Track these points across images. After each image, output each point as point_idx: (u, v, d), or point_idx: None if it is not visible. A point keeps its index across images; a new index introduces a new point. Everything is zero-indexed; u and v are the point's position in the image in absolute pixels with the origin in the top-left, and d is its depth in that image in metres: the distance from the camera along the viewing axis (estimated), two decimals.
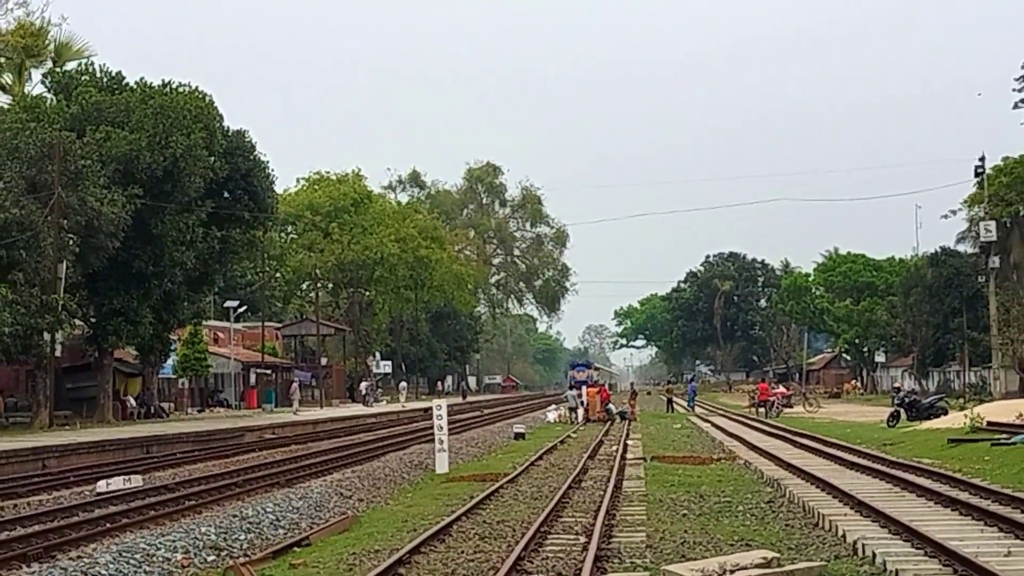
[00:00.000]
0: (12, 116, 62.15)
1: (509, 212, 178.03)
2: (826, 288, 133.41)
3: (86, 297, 63.59)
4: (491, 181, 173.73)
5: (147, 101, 65.70)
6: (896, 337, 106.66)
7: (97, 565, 17.71)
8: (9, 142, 57.42)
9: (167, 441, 48.23)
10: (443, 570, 17.25)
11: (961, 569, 15.59)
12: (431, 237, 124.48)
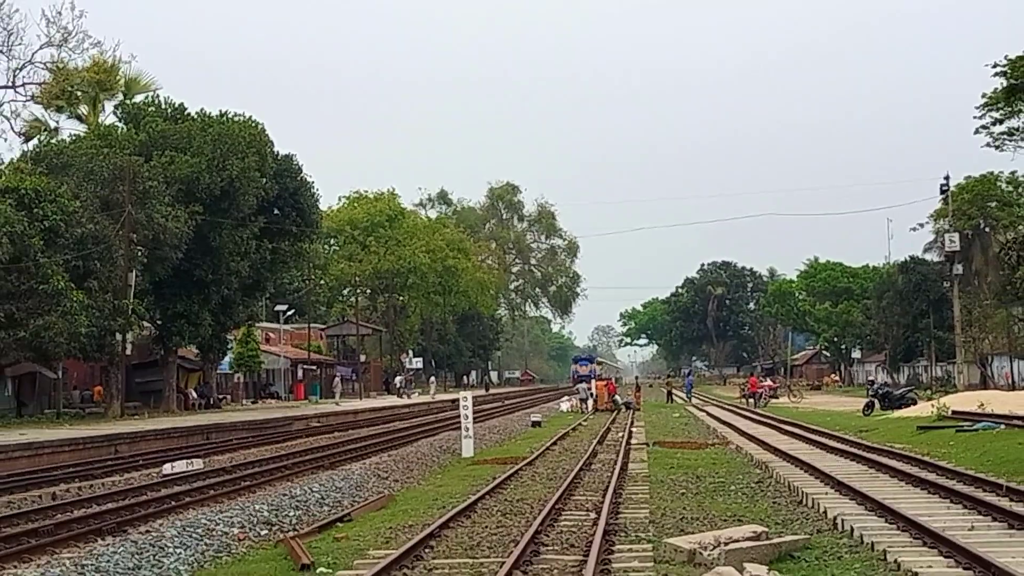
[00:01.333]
0: (88, 143, 62.36)
1: (526, 226, 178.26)
2: (808, 293, 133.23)
3: (153, 302, 63.92)
4: (510, 199, 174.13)
5: (206, 129, 66.00)
6: (870, 336, 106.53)
7: (164, 538, 17.73)
8: (85, 166, 57.70)
9: (224, 429, 48.33)
10: (469, 543, 17.24)
11: (929, 541, 15.55)
12: (457, 248, 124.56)
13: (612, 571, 14.38)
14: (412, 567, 15.19)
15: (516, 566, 14.45)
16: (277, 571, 15.70)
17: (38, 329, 48.96)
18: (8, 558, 16.01)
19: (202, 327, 67.27)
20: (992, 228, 76.14)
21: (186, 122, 67.26)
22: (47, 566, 15.27)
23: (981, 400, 46.29)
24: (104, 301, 54.84)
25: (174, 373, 69.05)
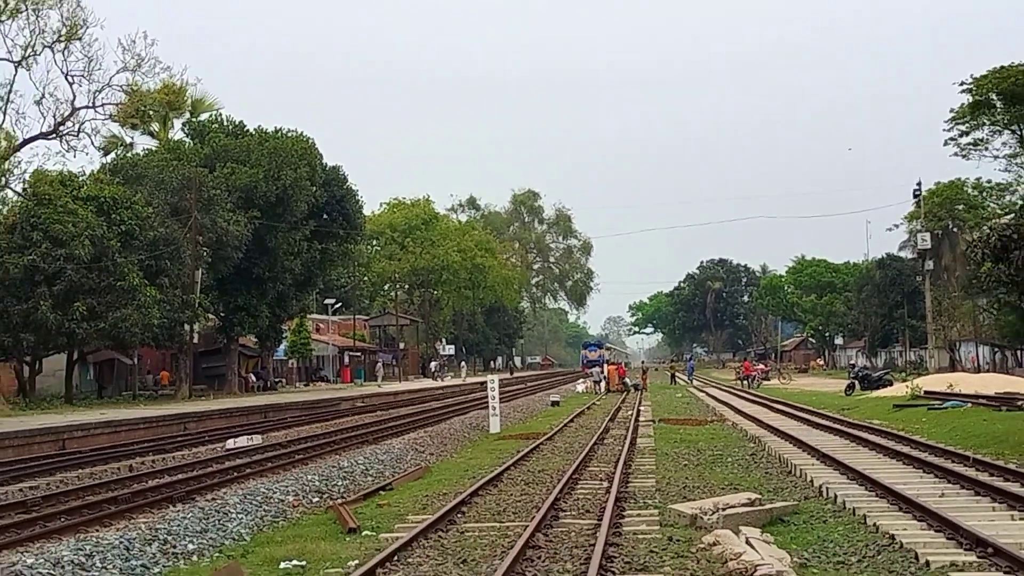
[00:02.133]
0: (159, 156, 62.70)
1: (545, 228, 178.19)
2: (796, 286, 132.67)
3: (216, 296, 64.23)
4: (531, 204, 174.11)
5: (263, 143, 66.38)
6: (851, 324, 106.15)
7: (227, 505, 17.79)
8: (157, 176, 58.05)
9: (280, 409, 48.43)
10: (496, 509, 17.26)
11: (904, 507, 15.53)
12: (485, 248, 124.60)
13: (623, 534, 14.38)
14: (446, 530, 15.23)
15: (538, 529, 14.47)
16: (327, 534, 15.74)
17: (116, 321, 49.22)
18: (91, 523, 16.09)
19: (260, 318, 67.75)
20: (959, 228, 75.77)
21: (245, 137, 67.66)
22: (125, 530, 15.34)
23: (950, 382, 46.18)
24: (174, 296, 55.12)
25: (235, 359, 69.39)
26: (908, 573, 11.61)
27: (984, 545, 12.28)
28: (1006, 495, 16.17)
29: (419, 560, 13.08)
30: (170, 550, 14.35)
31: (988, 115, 69.13)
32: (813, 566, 12.20)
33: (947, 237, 77.58)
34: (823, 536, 14.06)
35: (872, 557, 12.54)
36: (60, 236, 48.02)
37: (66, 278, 47.85)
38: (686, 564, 12.34)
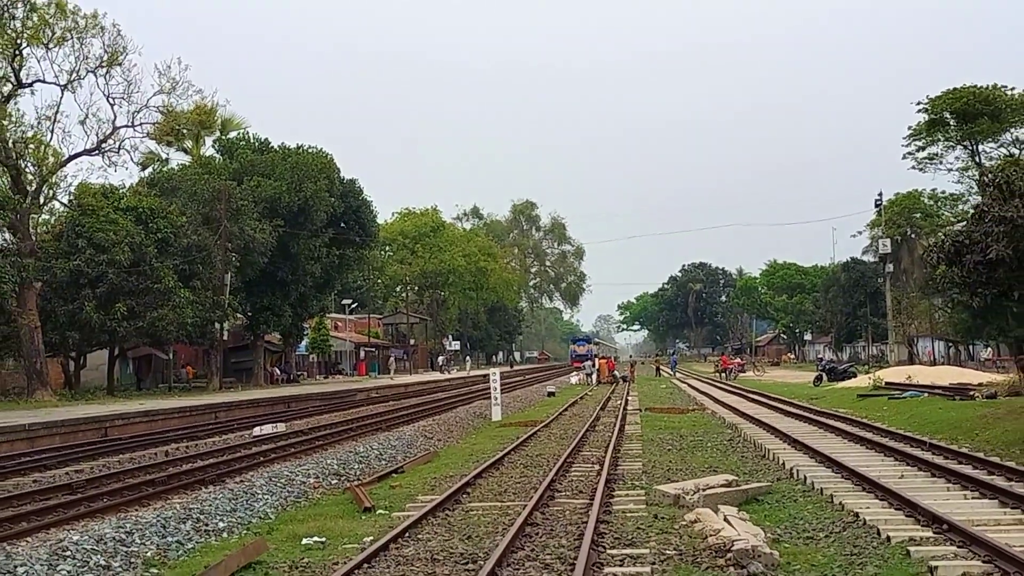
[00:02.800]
0: (192, 170, 62.87)
1: (542, 235, 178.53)
2: (768, 287, 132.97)
3: (244, 298, 64.41)
4: (529, 213, 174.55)
5: (286, 159, 66.60)
6: (819, 322, 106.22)
7: (255, 487, 17.79)
8: (190, 189, 58.26)
9: (302, 399, 48.44)
10: (498, 489, 17.28)
11: (868, 487, 15.55)
12: (487, 254, 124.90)
13: (613, 512, 14.39)
14: (452, 509, 15.24)
15: (536, 508, 14.48)
16: (344, 513, 15.74)
17: (153, 320, 49.40)
18: (131, 503, 16.10)
19: (283, 317, 67.95)
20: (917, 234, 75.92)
21: (269, 153, 67.89)
22: (161, 509, 15.35)
23: (909, 374, 46.26)
24: (205, 297, 55.27)
25: (261, 354, 69.47)
26: (871, 548, 11.61)
27: (940, 522, 12.29)
28: (960, 476, 16.19)
29: (428, 536, 13.09)
30: (202, 527, 14.35)
31: (942, 132, 69.30)
32: (784, 541, 12.20)
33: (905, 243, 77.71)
34: (794, 514, 14.08)
35: (838, 533, 12.55)
36: (102, 243, 48.14)
37: (108, 281, 47.98)
38: (670, 539, 12.35)
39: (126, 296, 48.61)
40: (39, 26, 48.89)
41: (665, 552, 11.62)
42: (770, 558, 10.88)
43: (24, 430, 28.21)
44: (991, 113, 66.20)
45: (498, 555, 11.05)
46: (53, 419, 30.87)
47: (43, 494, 17.48)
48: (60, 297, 48.24)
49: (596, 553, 11.46)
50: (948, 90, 67.98)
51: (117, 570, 11.78)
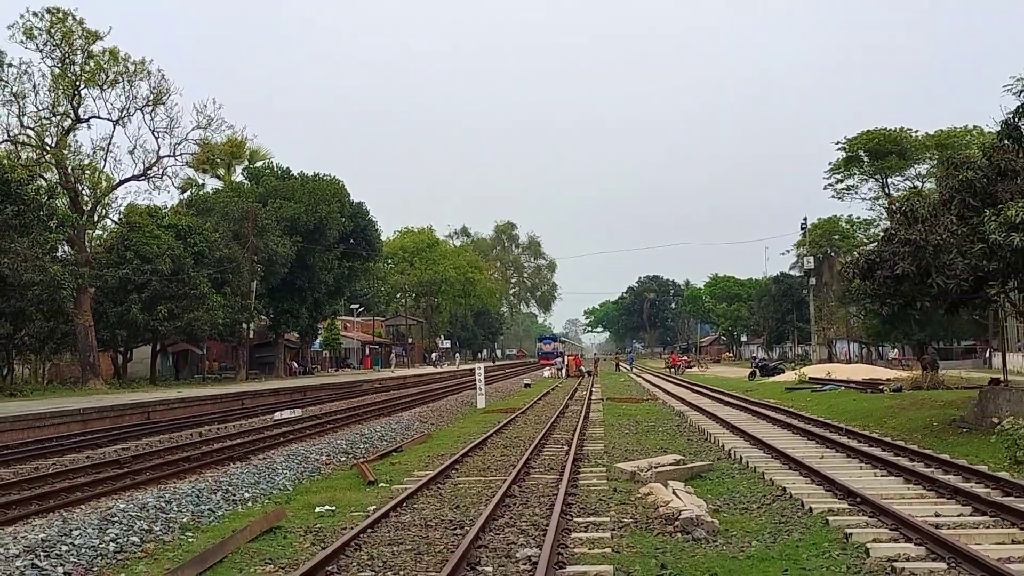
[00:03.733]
0: (224, 194, 62.87)
1: (521, 251, 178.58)
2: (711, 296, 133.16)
3: (267, 302, 64.45)
4: (510, 232, 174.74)
5: (304, 184, 66.79)
6: (753, 326, 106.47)
7: (275, 463, 17.74)
8: (222, 209, 58.20)
9: (316, 389, 48.31)
10: (482, 466, 17.27)
11: (793, 466, 15.60)
12: (474, 267, 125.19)
13: (579, 486, 14.40)
14: (443, 483, 15.24)
15: (514, 482, 14.49)
16: (352, 486, 15.71)
17: (190, 320, 49.37)
18: (170, 477, 16.05)
19: (301, 319, 68.01)
20: (835, 253, 76.27)
21: (290, 180, 67.95)
22: (196, 481, 15.29)
23: (828, 370, 46.58)
24: (234, 301, 55.18)
25: (282, 350, 69.40)
26: (796, 517, 11.65)
27: (854, 496, 12.35)
28: (871, 458, 16.27)
29: (423, 506, 13.08)
30: (231, 497, 14.30)
31: (857, 167, 69.70)
32: (724, 511, 12.24)
33: (826, 260, 78.11)
34: (731, 488, 14.12)
35: (768, 505, 12.59)
36: (147, 255, 48.16)
37: (151, 287, 47.96)
38: (627, 509, 12.37)
39: (167, 300, 48.54)
40: (95, 71, 48.96)
41: (623, 520, 11.64)
42: (711, 526, 10.93)
43: (79, 414, 28.10)
44: (898, 152, 66.76)
45: (482, 522, 11.06)
46: (103, 404, 30.76)
47: (94, 468, 17.42)
48: (111, 300, 48.18)
49: (565, 520, 11.47)
50: (862, 132, 68.56)
51: (158, 533, 11.73)
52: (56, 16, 47.58)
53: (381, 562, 9.72)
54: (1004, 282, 19.48)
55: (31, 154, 48.86)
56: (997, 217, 17.94)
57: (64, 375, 52.52)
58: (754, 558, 9.61)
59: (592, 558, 9.62)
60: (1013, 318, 27.44)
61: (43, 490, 14.54)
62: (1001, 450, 16.03)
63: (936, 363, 39.51)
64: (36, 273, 38.58)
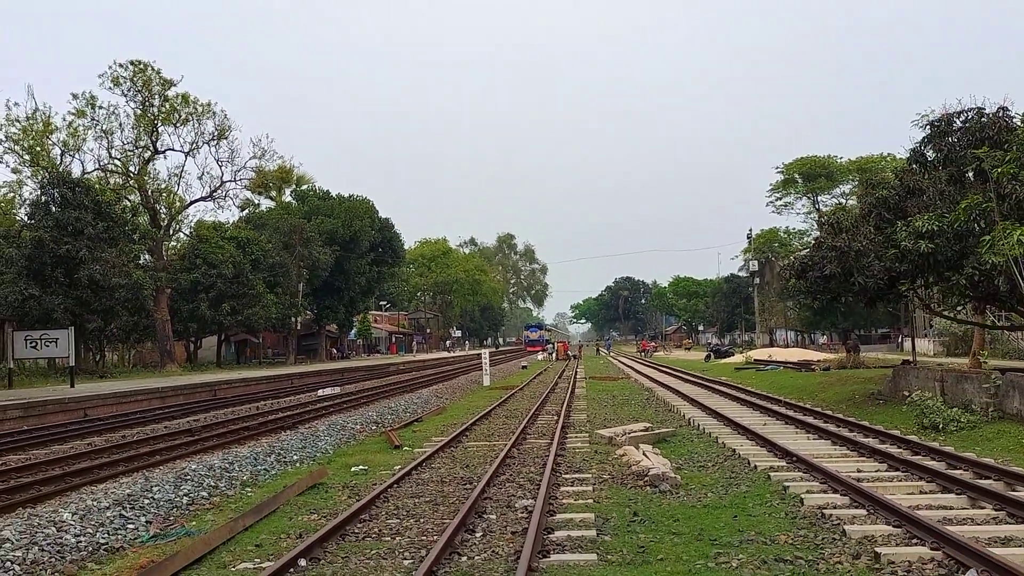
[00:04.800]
0: (276, 212, 62.75)
1: (518, 257, 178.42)
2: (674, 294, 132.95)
3: (311, 300, 64.37)
4: (509, 242, 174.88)
5: (341, 204, 66.70)
6: (708, 317, 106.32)
7: (318, 431, 17.73)
8: (274, 224, 58.14)
9: (351, 371, 48.23)
10: (488, 433, 17.26)
11: (741, 431, 15.62)
12: (480, 270, 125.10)
13: (566, 448, 14.41)
14: (456, 447, 15.24)
15: (513, 446, 14.50)
16: (381, 449, 15.71)
17: (248, 315, 49.40)
18: (232, 443, 16.05)
19: (339, 313, 67.96)
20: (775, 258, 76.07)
21: (330, 200, 67.81)
22: (254, 446, 15.29)
23: (770, 353, 46.50)
24: (284, 299, 55.20)
25: (324, 339, 69.38)
26: (744, 473, 11.66)
27: (791, 456, 12.36)
28: (804, 424, 16.28)
29: (439, 465, 13.08)
30: (282, 459, 14.31)
31: (793, 187, 69.62)
32: (684, 468, 12.24)
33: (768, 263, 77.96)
34: (691, 450, 14.13)
35: (721, 463, 12.60)
36: (213, 262, 48.14)
37: (217, 288, 47.95)
38: (605, 467, 12.38)
39: (229, 299, 48.54)
40: (170, 112, 49.03)
41: (602, 476, 11.64)
42: (674, 480, 10.94)
43: (158, 392, 28.11)
44: (827, 175, 66.80)
45: (487, 478, 11.07)
46: (178, 384, 30.77)
47: (171, 436, 17.43)
48: (183, 299, 48.18)
49: (555, 476, 11.48)
50: (797, 158, 68.66)
51: (223, 488, 11.74)
52: (138, 67, 47.64)
53: (405, 511, 9.74)
54: (913, 280, 19.50)
55: (118, 180, 48.95)
56: (907, 228, 17.96)
57: (146, 360, 52.54)
58: (709, 507, 9.62)
59: (577, 507, 9.64)
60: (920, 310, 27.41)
61: (129, 454, 14.56)
62: (911, 418, 16.05)
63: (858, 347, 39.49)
64: (122, 277, 38.60)
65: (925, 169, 19.41)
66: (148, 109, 48.23)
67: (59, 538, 8.55)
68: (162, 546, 8.62)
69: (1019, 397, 15.04)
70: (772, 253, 77.52)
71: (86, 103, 46.84)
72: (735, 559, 7.40)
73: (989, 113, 18.44)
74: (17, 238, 38.83)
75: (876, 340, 64.84)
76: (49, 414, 22.29)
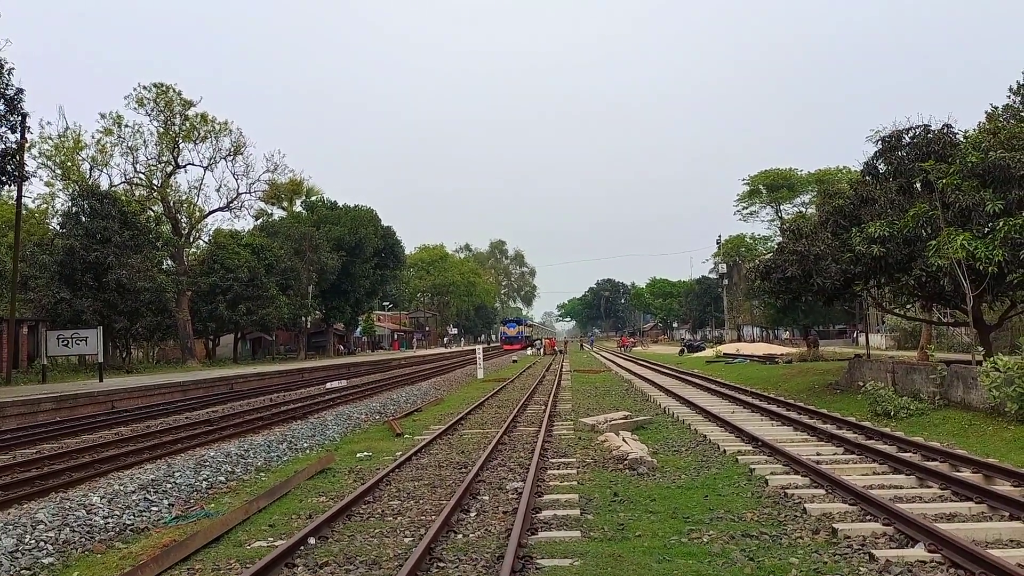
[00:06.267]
0: (288, 221, 62.38)
1: (509, 262, 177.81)
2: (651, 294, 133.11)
3: (320, 301, 64.06)
4: (501, 247, 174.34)
5: (347, 213, 66.46)
6: (682, 315, 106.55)
7: (326, 421, 17.69)
8: (286, 232, 57.87)
9: (357, 365, 48.06)
10: (481, 421, 17.23)
11: (712, 419, 15.64)
12: (474, 273, 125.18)
13: (553, 435, 14.40)
14: (452, 434, 15.21)
15: (505, 433, 14.48)
16: (384, 437, 15.67)
17: (262, 315, 49.22)
18: (247, 432, 15.98)
19: (345, 313, 67.70)
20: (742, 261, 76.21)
21: (336, 210, 67.58)
22: (267, 435, 15.24)
23: (737, 347, 46.64)
24: (295, 300, 54.96)
25: (331, 337, 69.20)
26: (714, 456, 11.68)
27: (756, 441, 12.39)
28: (768, 412, 16.32)
29: (437, 451, 13.06)
30: (293, 446, 14.26)
31: (758, 197, 69.80)
32: (661, 453, 12.25)
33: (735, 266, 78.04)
34: (666, 436, 14.14)
35: (694, 448, 12.62)
36: (230, 266, 47.98)
37: (233, 291, 47.79)
38: (588, 452, 12.38)
39: (245, 300, 48.38)
40: (190, 130, 48.82)
41: (585, 461, 11.64)
42: (651, 463, 10.94)
43: (179, 386, 27.98)
44: (789, 185, 67.03)
45: (480, 462, 11.05)
46: (198, 378, 30.62)
47: (191, 426, 17.35)
48: (203, 300, 47.99)
49: (542, 461, 11.47)
50: (761, 171, 68.95)
51: (239, 474, 11.69)
52: (160, 89, 47.47)
53: (406, 493, 9.72)
54: (866, 281, 19.59)
55: (142, 192, 48.71)
56: (861, 234, 18.04)
57: (168, 357, 52.30)
58: (683, 487, 9.63)
59: (563, 488, 9.64)
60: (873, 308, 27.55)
61: (152, 443, 14.49)
62: (865, 406, 16.11)
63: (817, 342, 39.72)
64: (147, 281, 38.44)
65: (877, 180, 19.51)
66: (170, 127, 48.08)
67: (89, 520, 8.51)
68: (183, 527, 8.58)
69: (963, 387, 15.13)
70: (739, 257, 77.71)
71: (113, 122, 46.67)
72: (706, 535, 7.41)
73: (935, 130, 18.57)
74: (50, 246, 38.76)
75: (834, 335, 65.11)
76: (80, 406, 22.17)
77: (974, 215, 16.33)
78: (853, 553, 6.72)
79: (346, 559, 6.97)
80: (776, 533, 7.38)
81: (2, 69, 26.01)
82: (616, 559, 6.72)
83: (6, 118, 27.24)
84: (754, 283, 25.76)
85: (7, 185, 29.01)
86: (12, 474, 11.64)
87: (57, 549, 7.65)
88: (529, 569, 6.48)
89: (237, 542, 7.80)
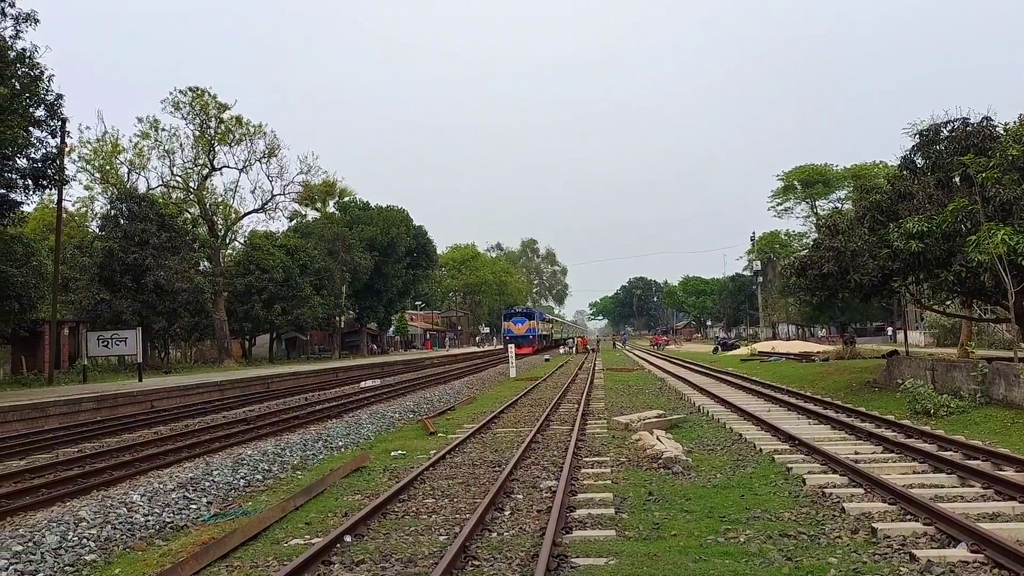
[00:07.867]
0: (321, 222, 62.99)
1: (540, 260, 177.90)
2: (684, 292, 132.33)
3: (354, 301, 64.71)
4: (532, 246, 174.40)
5: (380, 213, 66.95)
6: (716, 313, 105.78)
7: (361, 419, 17.83)
8: (320, 233, 58.55)
9: (390, 365, 48.35)
10: (514, 420, 17.24)
11: (747, 417, 15.49)
12: (506, 272, 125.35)
13: (586, 434, 14.36)
14: (485, 433, 15.22)
15: (538, 432, 14.46)
16: (418, 435, 15.74)
17: (297, 315, 49.71)
18: (283, 431, 16.16)
19: (378, 313, 68.23)
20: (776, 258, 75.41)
21: (369, 210, 68.12)
22: (303, 433, 15.39)
23: (773, 346, 46.11)
24: (329, 300, 55.48)
25: (365, 336, 69.69)
26: (750, 455, 11.56)
27: (793, 440, 12.25)
28: (805, 411, 16.13)
29: (471, 449, 13.08)
30: (329, 445, 14.39)
31: (793, 193, 69.06)
32: (695, 452, 12.15)
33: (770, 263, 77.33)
34: (701, 435, 14.02)
35: (729, 446, 12.50)
36: (265, 267, 48.49)
37: (269, 291, 48.30)
38: (622, 451, 12.32)
39: (280, 300, 48.88)
40: (225, 133, 49.49)
41: (619, 460, 11.59)
42: (686, 462, 10.86)
43: (217, 385, 28.38)
44: (824, 181, 66.20)
45: (514, 461, 11.05)
46: (235, 378, 31.03)
47: (228, 425, 17.59)
48: (239, 301, 48.58)
49: (576, 460, 11.44)
50: (796, 167, 68.17)
51: (276, 472, 11.82)
52: (196, 93, 48.18)
53: (440, 492, 9.75)
54: (904, 278, 19.25)
55: (179, 195, 49.49)
56: (899, 229, 17.73)
57: (205, 356, 53.06)
58: (719, 486, 9.54)
59: (597, 488, 9.60)
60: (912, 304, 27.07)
61: (191, 441, 14.71)
62: (904, 404, 15.84)
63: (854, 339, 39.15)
64: (184, 282, 39.03)
65: (915, 175, 19.17)
66: (205, 131, 48.77)
67: (129, 517, 8.67)
68: (222, 524, 8.70)
69: (1004, 384, 14.81)
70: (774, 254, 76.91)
71: (150, 126, 47.52)
72: (743, 534, 7.34)
73: (974, 123, 18.19)
74: (90, 248, 39.54)
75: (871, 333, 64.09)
76: (120, 406, 22.59)
77: (1015, 209, 15.97)
78: (893, 553, 6.60)
79: (382, 557, 7.02)
80: (814, 533, 7.28)
81: (42, 75, 26.57)
82: (652, 558, 6.68)
83: (46, 123, 27.85)
84: (789, 280, 25.45)
85: (48, 189, 29.64)
86: (55, 472, 11.90)
87: (99, 546, 7.80)
88: (564, 568, 6.46)
89: (274, 540, 7.89)
